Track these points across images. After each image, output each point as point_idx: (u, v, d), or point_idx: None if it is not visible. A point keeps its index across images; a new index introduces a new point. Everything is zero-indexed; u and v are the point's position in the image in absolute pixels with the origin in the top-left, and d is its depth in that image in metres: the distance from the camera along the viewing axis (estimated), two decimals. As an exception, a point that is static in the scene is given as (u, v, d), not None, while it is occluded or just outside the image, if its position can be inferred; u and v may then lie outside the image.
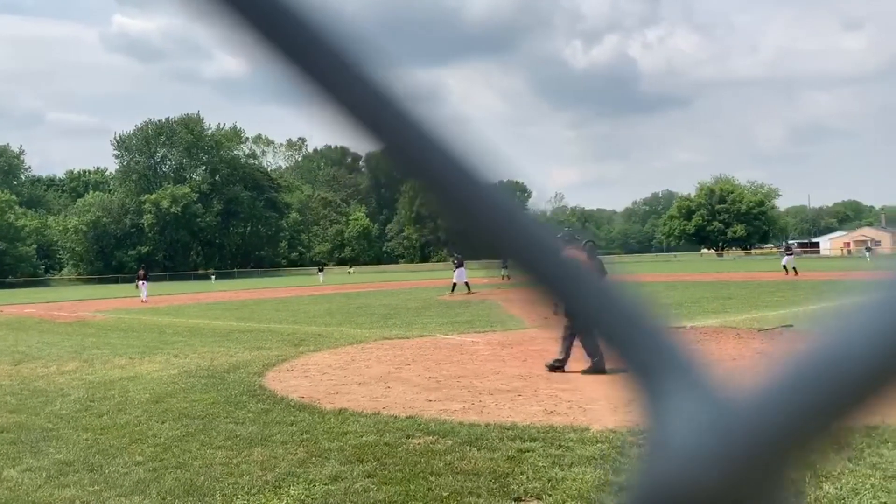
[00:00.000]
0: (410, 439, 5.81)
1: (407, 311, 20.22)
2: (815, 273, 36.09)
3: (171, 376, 9.59)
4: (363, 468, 5.05)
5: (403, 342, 12.82)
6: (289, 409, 7.21)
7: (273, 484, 4.80)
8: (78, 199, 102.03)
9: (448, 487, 4.58)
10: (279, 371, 9.83)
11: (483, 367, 9.54)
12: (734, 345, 10.86)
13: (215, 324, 18.36)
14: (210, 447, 5.81)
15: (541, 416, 6.52)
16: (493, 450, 5.38)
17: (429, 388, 8.20)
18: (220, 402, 7.69)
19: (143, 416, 7.14)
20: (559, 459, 5.05)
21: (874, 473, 4.49)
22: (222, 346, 12.86)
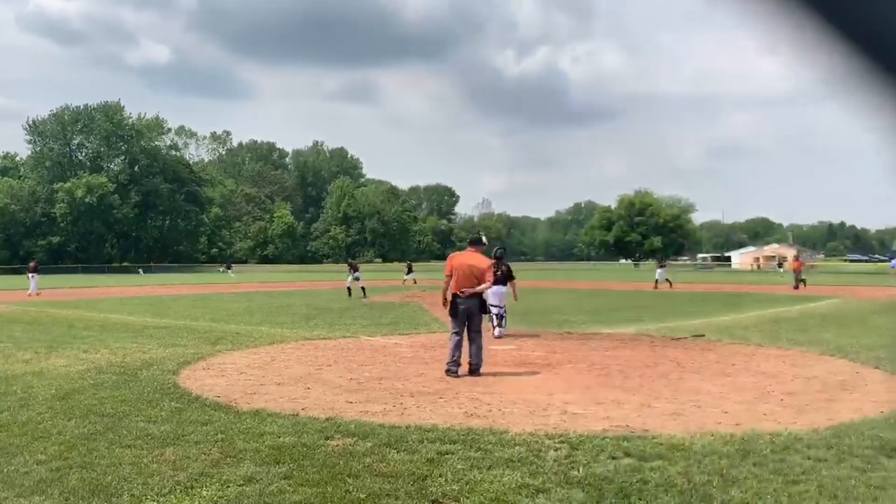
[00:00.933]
0: (329, 441, 5.75)
1: (330, 312, 20.01)
2: (713, 286, 37.62)
3: (79, 372, 9.19)
4: (279, 469, 4.96)
5: (325, 343, 12.68)
6: (204, 408, 7.02)
7: (185, 484, 4.65)
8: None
9: (366, 490, 4.54)
10: (195, 369, 9.57)
11: (405, 370, 9.53)
12: (648, 352, 11.20)
13: (129, 319, 17.72)
14: (119, 446, 5.59)
15: (461, 418, 6.56)
16: (412, 452, 5.37)
17: (350, 389, 8.13)
18: (132, 399, 7.42)
19: (48, 413, 6.82)
20: (478, 462, 5.09)
21: (777, 478, 4.70)
22: (135, 343, 12.42)
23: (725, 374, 9.12)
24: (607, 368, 9.59)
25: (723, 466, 4.95)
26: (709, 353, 10.99)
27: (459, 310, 9.16)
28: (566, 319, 17.44)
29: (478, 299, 9.24)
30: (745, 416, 6.64)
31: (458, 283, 9.15)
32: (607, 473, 4.81)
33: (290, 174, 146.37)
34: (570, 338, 13.45)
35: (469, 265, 9.26)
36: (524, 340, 12.97)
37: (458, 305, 9.15)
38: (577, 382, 8.53)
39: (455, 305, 9.18)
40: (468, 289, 9.14)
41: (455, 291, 9.15)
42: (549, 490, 4.49)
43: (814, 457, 5.18)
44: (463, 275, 9.17)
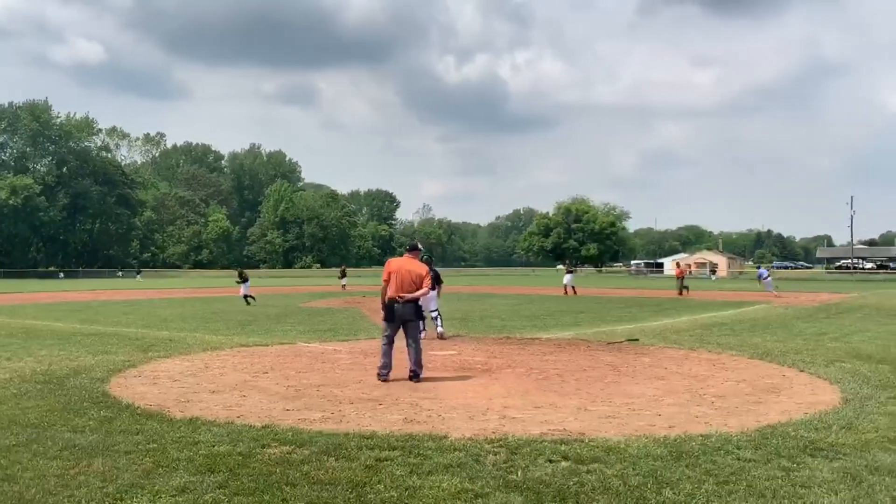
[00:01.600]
0: (266, 449, 5.64)
1: (266, 318, 19.67)
2: (646, 291, 38.57)
3: (1, 381, 8.79)
4: (214, 479, 4.84)
5: (262, 350, 12.46)
6: (135, 417, 6.80)
7: (114, 496, 4.49)
8: None
9: (303, 498, 4.47)
10: (125, 377, 9.27)
11: (344, 376, 9.44)
12: (584, 356, 11.38)
13: (56, 325, 17.06)
14: (44, 457, 5.36)
15: (400, 424, 6.53)
16: (351, 459, 5.32)
17: (287, 396, 8.01)
18: (58, 409, 7.14)
19: (-34, 424, 6.49)
20: (417, 468, 5.07)
21: (708, 479, 4.83)
22: (63, 350, 11.96)
23: (659, 377, 9.34)
24: (545, 373, 9.70)
25: (657, 468, 5.06)
26: (643, 357, 11.24)
27: (396, 315, 9.17)
28: (505, 324, 17.58)
29: (413, 305, 9.23)
30: (679, 418, 6.81)
31: (397, 288, 9.15)
32: (545, 477, 4.86)
33: (226, 177, 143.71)
34: (509, 342, 13.57)
35: (409, 270, 9.28)
36: (464, 346, 13.02)
37: (395, 310, 9.16)
38: (515, 387, 8.61)
39: (392, 310, 9.18)
40: (407, 294, 9.15)
41: (394, 296, 9.14)
42: (489, 494, 4.50)
43: (743, 457, 5.35)
44: (403, 280, 9.18)
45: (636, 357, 11.31)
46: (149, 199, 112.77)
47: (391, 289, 9.17)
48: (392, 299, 9.14)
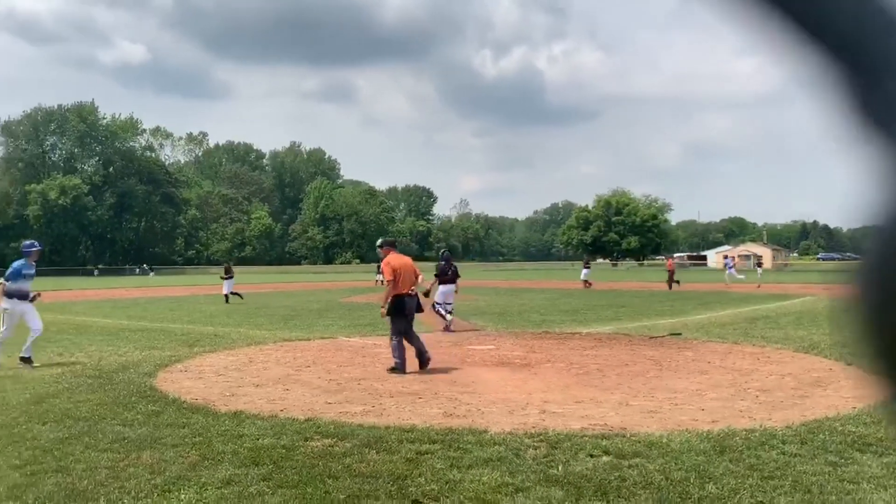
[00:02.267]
0: (308, 442, 5.73)
1: (308, 313, 19.91)
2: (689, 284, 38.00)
3: (54, 376, 9.07)
4: (258, 471, 4.93)
5: (304, 344, 12.62)
6: (181, 410, 6.96)
7: (162, 488, 4.61)
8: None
9: (345, 490, 4.53)
10: (172, 372, 9.48)
11: (384, 370, 9.51)
12: (625, 350, 11.28)
13: (104, 322, 17.51)
14: (95, 450, 5.53)
15: (440, 418, 6.57)
16: (391, 452, 5.37)
17: (329, 390, 8.11)
18: (108, 402, 7.34)
19: (22, 417, 6.72)
20: (457, 461, 5.10)
21: (752, 474, 4.77)
22: (111, 345, 12.28)
23: (702, 371, 9.22)
24: (585, 367, 9.65)
25: (699, 463, 5.00)
26: (686, 352, 11.10)
27: (407, 308, 9.45)
28: (544, 319, 17.51)
29: (416, 298, 9.61)
30: (722, 412, 6.72)
31: (405, 284, 9.44)
32: (586, 471, 4.84)
33: (268, 175, 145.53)
34: (548, 337, 13.51)
35: (408, 265, 9.69)
36: (503, 340, 13.01)
37: (406, 305, 9.43)
38: (555, 382, 8.58)
39: (404, 304, 9.41)
40: (412, 289, 9.51)
41: (404, 292, 9.41)
42: (529, 489, 4.51)
43: (788, 452, 5.26)
44: (407, 275, 9.53)
45: (679, 351, 11.18)
46: (193, 197, 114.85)
47: (400, 286, 9.40)
48: (404, 295, 9.40)
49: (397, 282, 9.37)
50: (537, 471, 4.87)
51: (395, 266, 9.48)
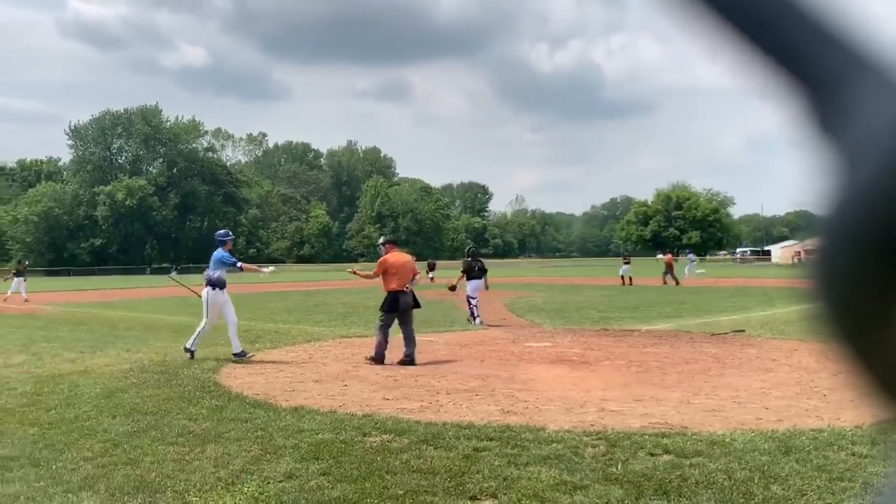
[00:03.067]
0: (367, 437, 5.79)
1: (366, 310, 20.12)
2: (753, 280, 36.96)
3: (122, 371, 9.40)
4: (318, 466, 5.01)
5: (361, 340, 12.77)
6: (243, 405, 7.12)
7: (226, 481, 4.73)
8: (29, 189, 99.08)
9: (403, 486, 4.57)
10: (234, 368, 9.71)
11: (440, 367, 9.55)
12: (687, 348, 11.06)
13: (170, 318, 18.04)
14: (162, 443, 5.71)
15: (497, 415, 6.56)
16: (449, 449, 5.39)
17: (386, 386, 8.18)
18: (174, 397, 7.56)
19: (93, 410, 6.98)
20: (515, 458, 5.08)
21: (820, 475, 4.62)
22: (177, 342, 12.64)
23: (766, 369, 8.97)
24: (645, 365, 9.50)
25: (764, 463, 4.87)
26: (749, 349, 10.82)
27: (401, 304, 9.85)
28: (602, 316, 17.30)
29: (412, 295, 10.03)
30: (787, 411, 6.53)
31: (400, 281, 9.88)
32: (646, 470, 4.77)
33: (325, 174, 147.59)
34: (606, 334, 13.35)
35: (402, 262, 10.09)
36: (560, 338, 12.91)
37: (400, 301, 9.83)
38: (614, 379, 8.47)
39: (397, 301, 9.82)
40: (409, 285, 9.97)
41: (399, 289, 9.83)
42: (587, 487, 4.46)
43: (858, 453, 5.08)
44: (404, 272, 9.97)
45: (742, 349, 10.90)
46: (253, 197, 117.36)
47: (395, 282, 9.85)
48: (399, 291, 9.84)
49: (391, 278, 9.83)
50: (596, 469, 4.82)
51: (391, 262, 9.94)
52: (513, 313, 18.58)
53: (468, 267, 15.85)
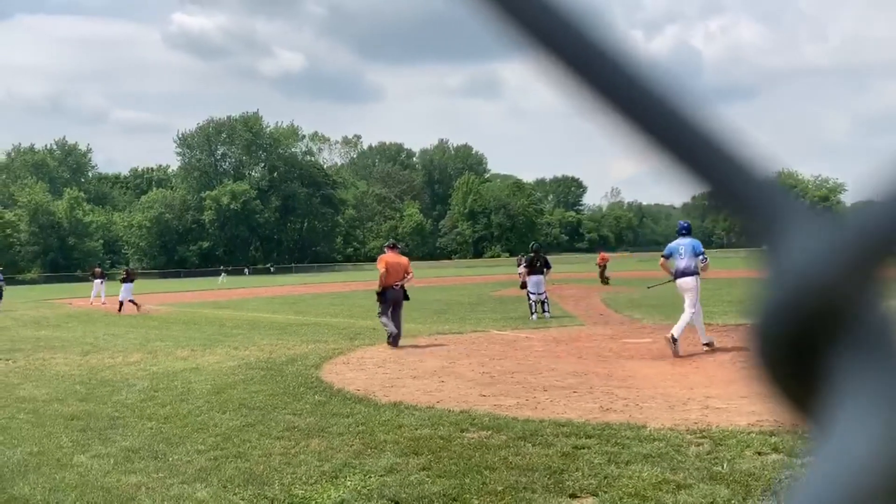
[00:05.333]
0: (465, 433, 5.83)
1: (460, 307, 20.26)
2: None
3: (231, 368, 9.82)
4: (418, 461, 5.08)
5: (457, 337, 12.86)
6: (345, 401, 7.31)
7: (330, 474, 4.87)
8: (142, 196, 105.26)
9: (503, 482, 4.57)
10: (335, 364, 9.97)
11: (537, 363, 9.50)
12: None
13: (274, 317, 18.72)
14: (269, 437, 5.93)
15: (596, 412, 6.46)
16: (547, 446, 5.35)
17: (483, 383, 8.21)
18: (279, 393, 7.84)
19: (205, 406, 7.33)
20: (615, 457, 4.99)
21: None
22: (280, 339, 13.11)
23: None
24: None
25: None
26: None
27: (389, 298, 11.60)
28: (706, 310, 16.71)
29: (401, 290, 11.75)
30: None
31: (391, 278, 11.63)
32: (754, 469, 4.59)
33: (418, 173, 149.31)
34: (710, 329, 12.90)
35: (397, 263, 11.89)
36: (661, 333, 12.58)
37: (388, 295, 11.62)
38: (718, 376, 8.19)
39: (385, 294, 11.63)
40: (399, 282, 11.69)
41: (390, 285, 11.61)
42: (691, 486, 4.34)
43: None
44: (395, 271, 11.73)
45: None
46: (349, 197, 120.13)
47: (389, 278, 11.63)
48: (389, 286, 11.61)
49: (390, 274, 11.62)
50: (700, 468, 4.67)
51: (389, 261, 11.81)
52: (611, 309, 18.26)
53: (529, 262, 16.51)
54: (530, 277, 16.12)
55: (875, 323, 0.24)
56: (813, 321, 0.24)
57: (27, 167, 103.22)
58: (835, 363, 0.24)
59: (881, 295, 0.25)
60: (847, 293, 0.24)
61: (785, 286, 0.24)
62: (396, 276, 11.69)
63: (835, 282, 0.24)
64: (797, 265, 0.24)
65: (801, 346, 0.25)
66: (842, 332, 0.24)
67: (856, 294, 0.24)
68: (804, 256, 0.24)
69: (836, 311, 0.24)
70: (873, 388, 0.24)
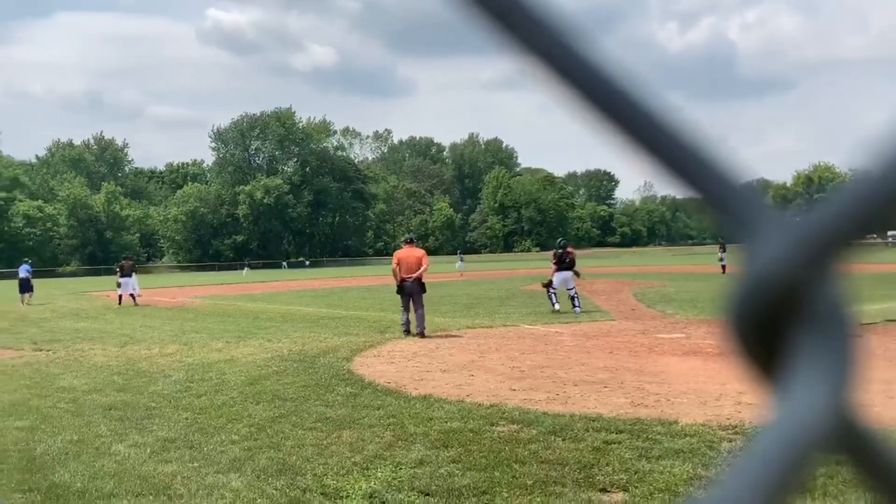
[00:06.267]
0: (495, 427, 5.85)
1: (490, 301, 20.25)
2: None
3: (264, 360, 9.96)
4: (448, 454, 5.12)
5: (487, 331, 12.87)
6: (376, 393, 7.37)
7: (361, 465, 4.93)
8: (177, 191, 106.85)
9: (533, 476, 4.59)
10: (366, 356, 10.05)
11: (568, 358, 9.48)
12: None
13: (306, 310, 18.90)
14: (301, 428, 6.01)
15: (627, 408, 6.44)
16: (578, 440, 5.35)
17: (512, 377, 8.21)
18: (311, 385, 7.94)
19: (239, 397, 7.45)
20: (646, 452, 4.98)
21: None
22: (312, 332, 13.24)
23: (925, 362, 8.27)
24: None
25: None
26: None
27: (406, 290, 12.22)
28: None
29: (417, 282, 12.23)
30: (950, 409, 6.00)
31: (405, 271, 12.27)
32: (788, 467, 4.53)
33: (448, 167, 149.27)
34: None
35: (409, 256, 12.52)
36: (694, 328, 12.47)
37: (405, 287, 12.23)
38: (751, 371, 8.09)
39: (403, 286, 12.27)
40: (412, 275, 12.22)
41: (405, 277, 12.21)
42: (724, 482, 4.31)
43: None
44: (407, 265, 12.35)
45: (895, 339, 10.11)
46: (380, 192, 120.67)
47: (402, 271, 12.26)
48: (404, 279, 12.23)
49: (399, 269, 12.30)
50: (733, 465, 4.63)
51: (401, 256, 12.59)
52: (642, 304, 18.11)
53: (558, 258, 16.56)
54: (558, 274, 16.28)
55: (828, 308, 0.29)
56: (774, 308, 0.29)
57: (66, 162, 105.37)
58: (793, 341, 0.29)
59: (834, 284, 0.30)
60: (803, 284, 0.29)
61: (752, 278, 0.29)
62: (409, 269, 12.31)
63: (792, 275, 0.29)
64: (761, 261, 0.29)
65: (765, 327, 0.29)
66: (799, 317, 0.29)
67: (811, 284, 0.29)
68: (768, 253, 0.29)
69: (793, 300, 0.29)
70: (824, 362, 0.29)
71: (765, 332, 0.30)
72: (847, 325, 0.30)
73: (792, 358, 0.29)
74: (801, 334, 0.29)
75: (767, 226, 0.30)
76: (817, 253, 0.29)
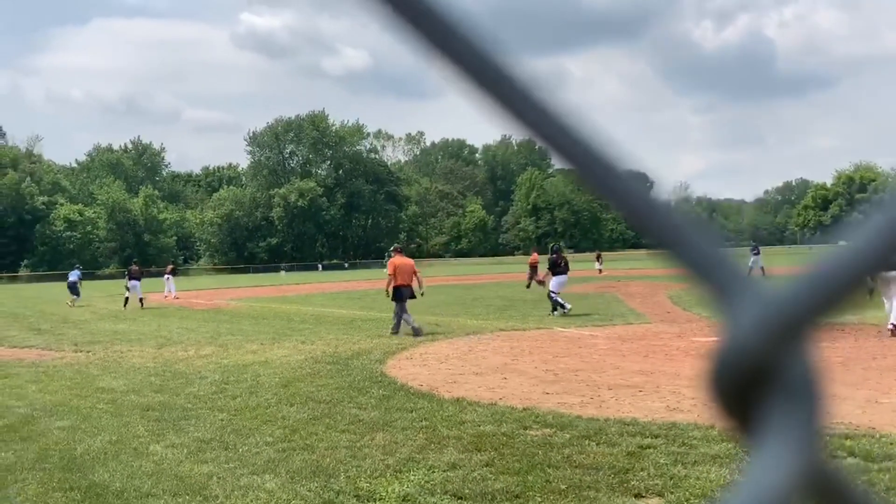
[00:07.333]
0: (528, 431, 5.81)
1: (523, 303, 20.17)
2: None
3: (298, 362, 10.04)
4: (481, 457, 5.10)
5: (520, 334, 12.82)
6: (409, 396, 7.38)
7: (394, 468, 4.94)
8: (213, 194, 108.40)
9: (566, 480, 4.55)
10: (399, 359, 10.08)
11: (602, 362, 9.39)
12: (874, 342, 10.14)
13: (339, 312, 19.03)
14: (335, 430, 6.04)
15: (663, 412, 6.35)
16: (612, 445, 5.29)
17: (546, 380, 8.17)
18: (345, 387, 7.98)
19: (273, 399, 7.52)
20: (682, 457, 4.91)
21: None
22: (346, 334, 13.32)
23: (972, 367, 8.04)
24: (826, 361, 8.78)
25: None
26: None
27: (404, 296, 13.02)
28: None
29: (410, 289, 13.21)
30: None
31: (402, 279, 13.11)
32: (828, 474, 4.43)
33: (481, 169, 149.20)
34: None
35: (406, 264, 13.46)
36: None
37: (402, 293, 13.02)
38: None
39: (401, 292, 13.03)
40: (409, 282, 13.19)
41: (402, 284, 13.07)
42: (762, 489, 4.23)
43: None
44: (405, 273, 13.22)
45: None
46: (412, 194, 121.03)
47: (399, 279, 13.10)
48: (401, 286, 13.06)
49: (396, 275, 13.08)
50: (771, 471, 4.55)
51: (397, 264, 13.31)
52: (678, 306, 17.88)
53: (553, 263, 16.96)
54: (556, 278, 16.65)
55: (798, 376, 0.32)
56: (747, 377, 0.32)
57: (105, 166, 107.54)
58: (766, 404, 0.32)
59: (805, 354, 0.33)
60: (775, 356, 0.32)
61: (727, 349, 0.33)
62: (406, 277, 13.20)
63: (764, 349, 0.32)
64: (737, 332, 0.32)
65: (740, 393, 0.32)
66: (769, 385, 0.32)
67: (783, 356, 0.32)
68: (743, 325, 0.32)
69: (765, 370, 0.32)
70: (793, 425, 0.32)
71: (740, 397, 0.33)
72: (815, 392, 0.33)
73: (764, 421, 0.32)
74: (772, 400, 0.32)
75: (745, 297, 0.32)
76: (790, 327, 0.32)
